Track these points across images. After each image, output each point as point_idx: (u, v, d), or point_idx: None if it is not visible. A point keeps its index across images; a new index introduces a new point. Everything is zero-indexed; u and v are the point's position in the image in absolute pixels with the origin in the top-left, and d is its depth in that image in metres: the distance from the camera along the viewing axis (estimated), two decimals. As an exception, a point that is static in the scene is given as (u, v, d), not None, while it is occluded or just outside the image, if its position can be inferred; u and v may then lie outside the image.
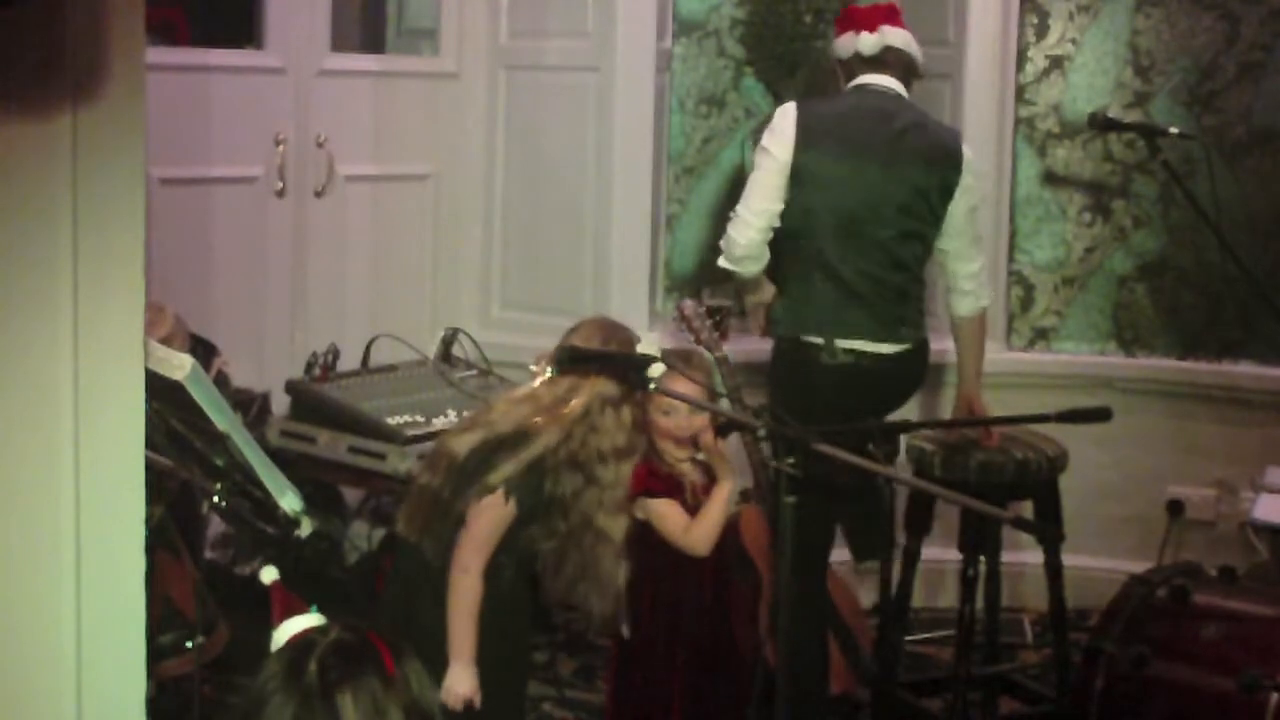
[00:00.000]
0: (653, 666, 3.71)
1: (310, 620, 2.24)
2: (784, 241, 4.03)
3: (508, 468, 3.23)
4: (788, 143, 3.98)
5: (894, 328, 4.02)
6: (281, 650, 2.18)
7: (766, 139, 4.04)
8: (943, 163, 4.07)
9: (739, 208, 4.03)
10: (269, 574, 2.44)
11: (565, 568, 3.37)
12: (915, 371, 4.15)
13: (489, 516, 3.24)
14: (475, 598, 3.24)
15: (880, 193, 4.00)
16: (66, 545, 2.28)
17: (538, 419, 3.27)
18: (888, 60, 4.13)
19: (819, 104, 4.20)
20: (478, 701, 3.25)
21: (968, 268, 4.16)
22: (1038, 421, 3.58)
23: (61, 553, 2.28)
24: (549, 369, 3.32)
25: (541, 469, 3.26)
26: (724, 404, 3.90)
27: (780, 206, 3.99)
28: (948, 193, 4.07)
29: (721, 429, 3.55)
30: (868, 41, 4.12)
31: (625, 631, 3.53)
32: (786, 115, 4.03)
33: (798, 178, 3.98)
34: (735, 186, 5.50)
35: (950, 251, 4.13)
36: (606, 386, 3.29)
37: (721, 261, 4.09)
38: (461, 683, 3.23)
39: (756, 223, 3.98)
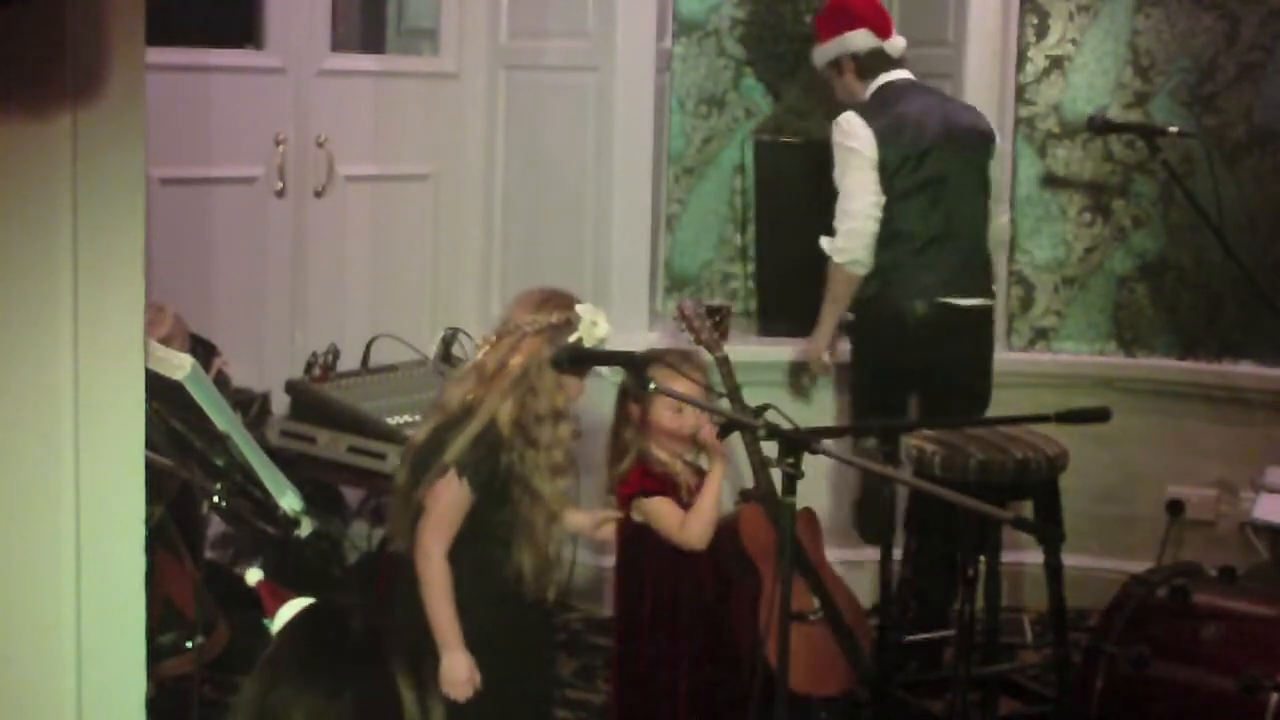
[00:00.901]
0: (654, 667, 3.71)
1: (299, 604, 2.09)
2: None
3: (457, 444, 3.20)
4: (869, 141, 4.48)
5: (971, 285, 4.61)
6: (305, 616, 2.01)
7: (848, 141, 4.51)
8: (985, 136, 4.70)
9: (850, 207, 4.50)
10: (253, 575, 2.41)
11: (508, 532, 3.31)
12: (990, 330, 4.77)
13: (445, 498, 3.21)
14: (445, 581, 3.20)
15: (949, 174, 4.56)
16: (66, 545, 2.28)
17: (480, 390, 3.26)
18: (902, 55, 4.69)
19: (871, 108, 4.60)
20: (477, 682, 3.21)
21: (1002, 219, 4.84)
22: (1037, 421, 3.58)
23: (61, 553, 2.28)
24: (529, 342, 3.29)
25: (491, 441, 3.22)
26: (724, 404, 3.90)
27: (883, 199, 4.50)
28: (989, 161, 4.70)
29: (722, 429, 3.55)
30: (896, 45, 4.65)
31: (550, 594, 3.42)
32: (853, 121, 4.52)
33: (882, 171, 4.48)
34: (735, 187, 5.53)
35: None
36: (544, 347, 3.25)
37: (842, 259, 4.53)
38: (456, 669, 3.18)
39: (874, 213, 4.49)
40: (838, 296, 4.62)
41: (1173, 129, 4.44)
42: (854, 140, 4.48)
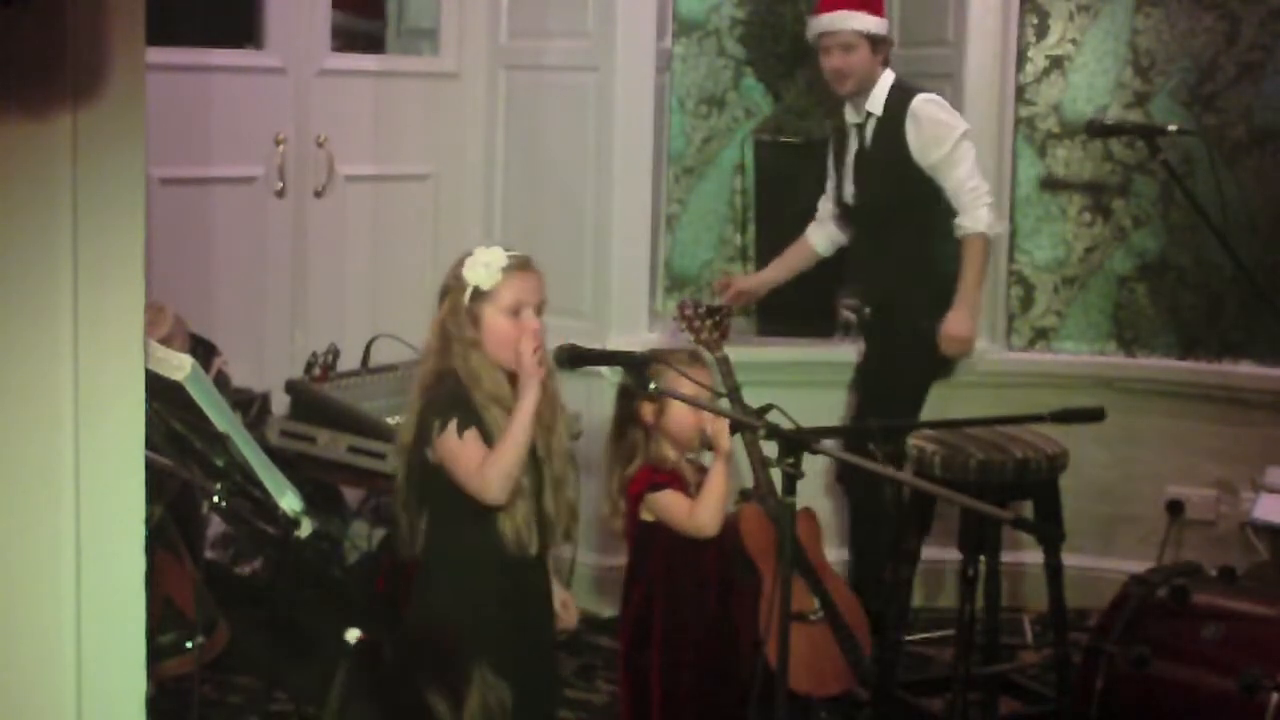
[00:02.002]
0: (659, 667, 3.71)
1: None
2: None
3: (434, 418, 3.20)
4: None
5: None
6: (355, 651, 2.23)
7: (960, 124, 4.69)
8: None
9: (983, 185, 4.67)
10: (353, 634, 2.48)
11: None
12: None
13: (465, 451, 3.17)
14: (490, 455, 3.16)
15: None
16: (66, 545, 2.28)
17: (430, 367, 3.27)
18: None
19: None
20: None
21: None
22: (1033, 421, 3.58)
23: (61, 553, 2.28)
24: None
25: (465, 403, 3.21)
26: (723, 404, 3.90)
27: None
28: None
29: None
30: None
31: (533, 549, 3.38)
32: (945, 104, 4.73)
33: None
34: (735, 187, 5.53)
35: None
36: (447, 308, 3.27)
37: (996, 232, 4.74)
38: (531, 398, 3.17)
39: None
40: (985, 273, 4.74)
41: (1171, 127, 4.44)
42: (963, 122, 4.68)
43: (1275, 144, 5.06)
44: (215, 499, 3.07)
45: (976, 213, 4.61)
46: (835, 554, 4.26)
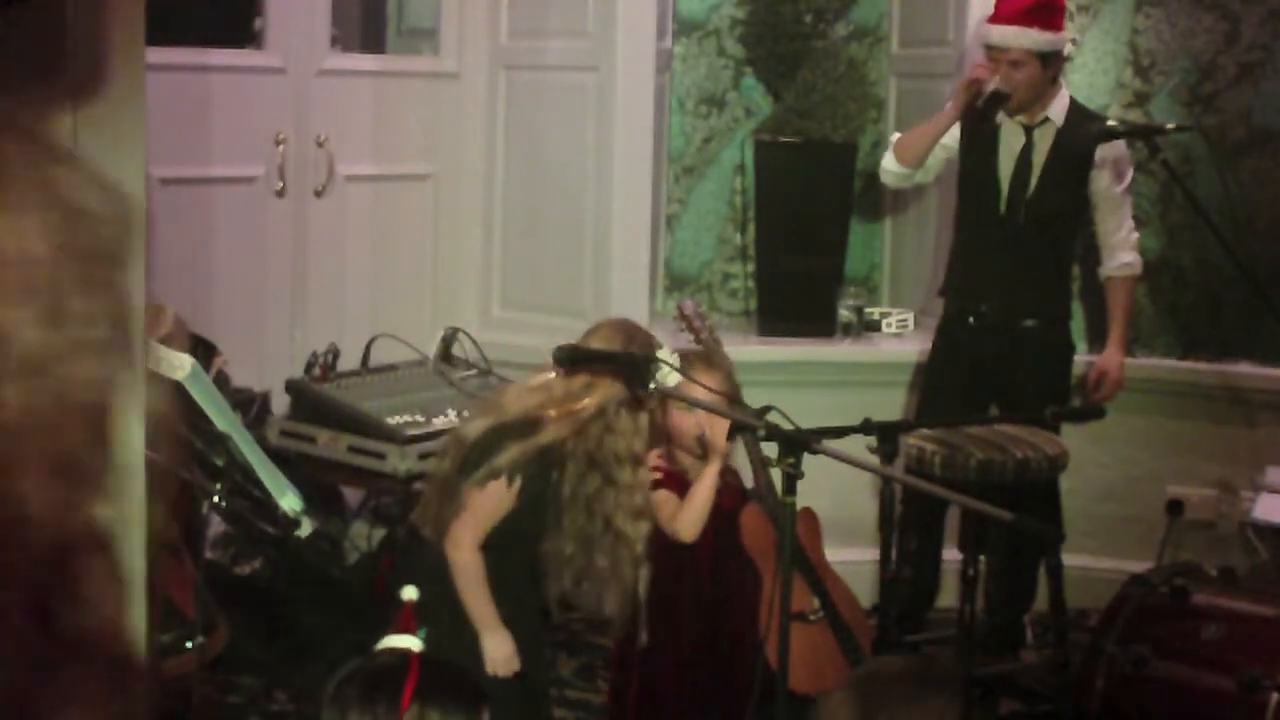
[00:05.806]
0: (649, 663, 3.72)
1: (403, 642, 2.49)
2: None
3: (514, 452, 3.19)
4: None
5: None
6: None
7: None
8: None
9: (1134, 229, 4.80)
10: (409, 593, 2.58)
11: (576, 568, 3.32)
12: None
13: (492, 499, 3.20)
14: (479, 567, 3.21)
15: None
16: (67, 545, 2.28)
17: (550, 410, 3.24)
18: None
19: None
20: (518, 663, 3.24)
21: None
22: (1034, 421, 3.58)
23: (62, 553, 2.28)
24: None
25: (549, 459, 3.23)
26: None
27: None
28: None
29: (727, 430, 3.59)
30: None
31: (644, 639, 3.48)
32: None
33: None
34: (735, 187, 5.52)
35: None
36: (621, 390, 3.25)
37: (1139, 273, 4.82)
38: (501, 647, 3.22)
39: None
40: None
41: (1170, 125, 4.44)
42: None
43: (1275, 144, 5.06)
44: (215, 499, 3.07)
45: (1134, 254, 4.71)
46: (835, 554, 4.25)
